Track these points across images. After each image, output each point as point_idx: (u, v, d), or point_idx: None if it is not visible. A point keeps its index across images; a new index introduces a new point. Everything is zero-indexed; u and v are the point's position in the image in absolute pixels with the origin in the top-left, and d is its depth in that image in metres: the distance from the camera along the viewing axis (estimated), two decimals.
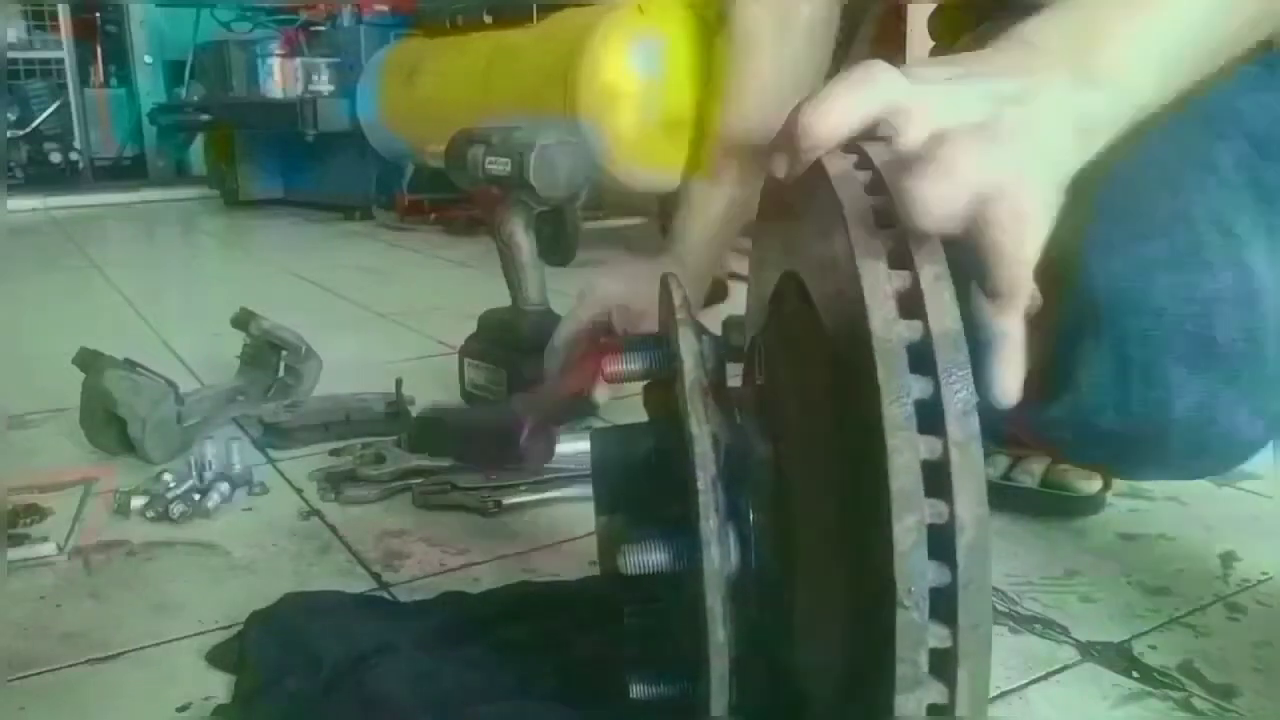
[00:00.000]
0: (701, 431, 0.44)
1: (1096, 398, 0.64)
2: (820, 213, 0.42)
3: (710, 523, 0.43)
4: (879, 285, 0.37)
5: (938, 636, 0.35)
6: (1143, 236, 0.62)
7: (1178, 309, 0.61)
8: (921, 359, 0.37)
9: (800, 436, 0.46)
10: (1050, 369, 0.65)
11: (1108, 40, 0.45)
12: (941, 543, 0.35)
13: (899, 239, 0.38)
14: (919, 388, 0.37)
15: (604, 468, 0.53)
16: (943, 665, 0.36)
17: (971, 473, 0.36)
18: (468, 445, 0.89)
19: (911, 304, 0.37)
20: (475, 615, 0.74)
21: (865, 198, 0.40)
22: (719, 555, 0.43)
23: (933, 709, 0.36)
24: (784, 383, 0.50)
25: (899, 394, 0.36)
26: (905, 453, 0.36)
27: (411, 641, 0.68)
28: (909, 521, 0.35)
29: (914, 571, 0.35)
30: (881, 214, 0.39)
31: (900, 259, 0.38)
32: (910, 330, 0.37)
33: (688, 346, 0.47)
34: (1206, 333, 0.61)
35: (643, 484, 0.51)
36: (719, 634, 0.43)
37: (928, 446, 0.36)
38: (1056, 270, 0.49)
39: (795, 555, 0.46)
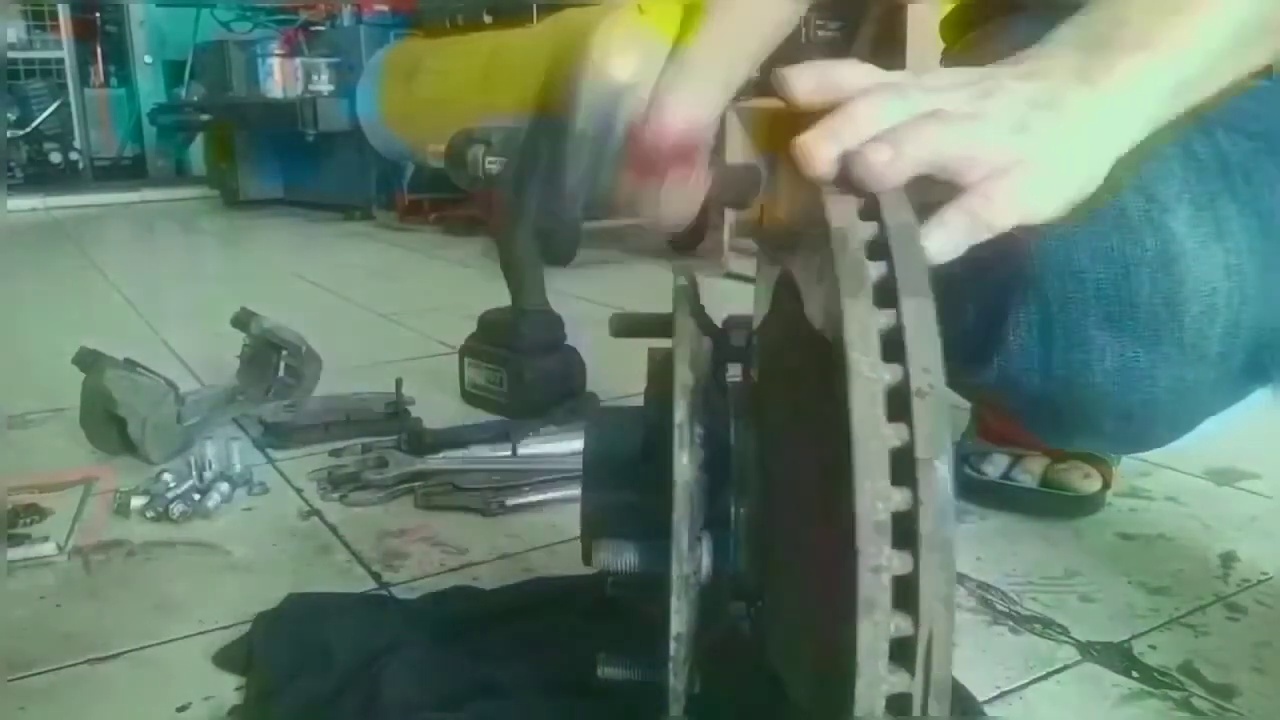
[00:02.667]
0: (682, 464, 0.44)
1: (1023, 360, 0.65)
2: (813, 229, 0.42)
3: (682, 547, 0.43)
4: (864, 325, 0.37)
5: (899, 626, 0.35)
6: None
7: (1098, 271, 0.61)
8: (899, 401, 0.36)
9: (783, 439, 0.47)
10: (982, 331, 0.65)
11: (1132, 25, 0.46)
12: (905, 534, 0.35)
13: (886, 270, 0.39)
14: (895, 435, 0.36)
15: (596, 451, 0.54)
16: (904, 654, 0.36)
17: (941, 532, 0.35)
18: None
19: (895, 346, 0.37)
20: (486, 610, 0.74)
21: (859, 225, 0.40)
22: (686, 576, 0.44)
23: (892, 701, 0.36)
24: (772, 384, 0.50)
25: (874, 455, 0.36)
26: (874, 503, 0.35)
27: (424, 638, 0.68)
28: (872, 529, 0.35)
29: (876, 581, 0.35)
30: (874, 246, 0.39)
31: (886, 295, 0.38)
32: (890, 373, 0.37)
33: (682, 358, 0.46)
34: (1125, 295, 0.61)
35: (633, 471, 0.51)
36: (678, 644, 0.44)
37: (900, 495, 0.35)
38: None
39: (773, 555, 0.46)
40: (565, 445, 1.09)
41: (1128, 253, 0.60)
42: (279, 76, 3.78)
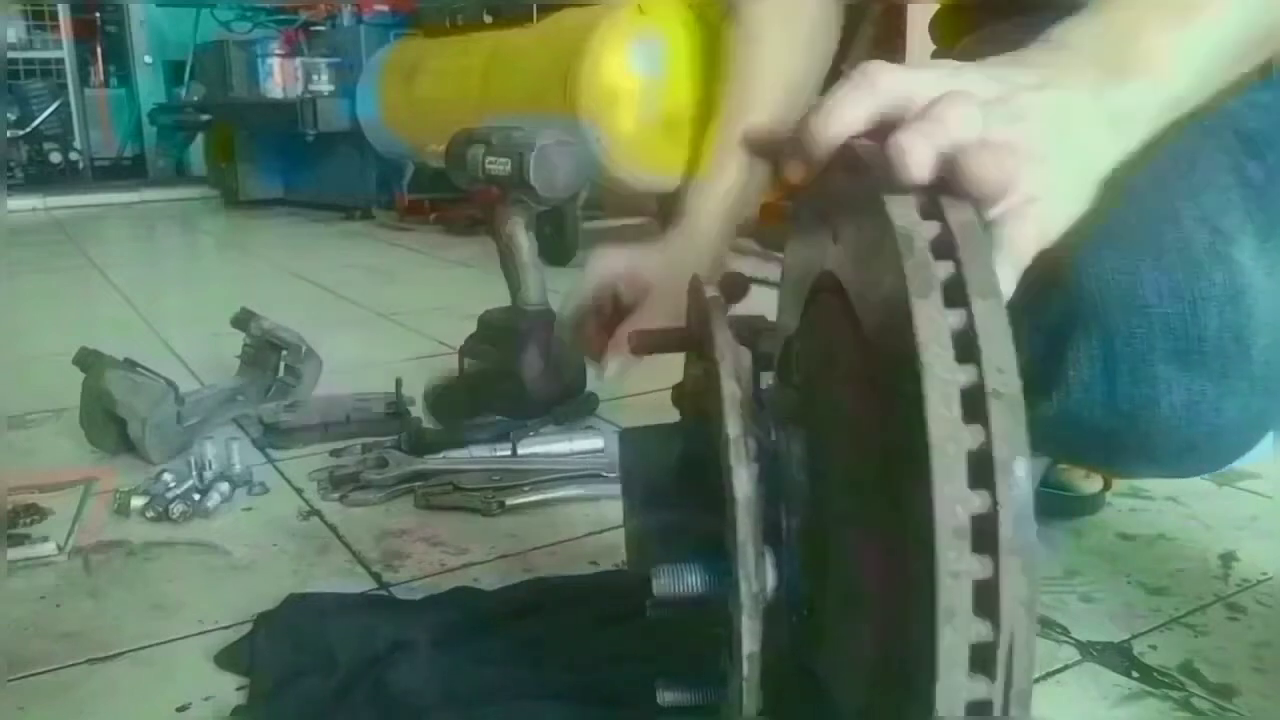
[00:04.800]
0: (741, 479, 0.43)
1: (1085, 395, 0.64)
2: (869, 229, 0.41)
3: (749, 580, 0.42)
4: (935, 326, 0.37)
5: (979, 632, 0.35)
6: (1130, 234, 0.62)
7: (1164, 306, 0.61)
8: (974, 402, 0.36)
9: (834, 444, 0.46)
10: (1040, 366, 0.65)
11: (1142, 37, 0.46)
12: (983, 538, 0.35)
13: (955, 269, 0.38)
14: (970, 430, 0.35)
15: (634, 470, 0.53)
16: (984, 660, 0.35)
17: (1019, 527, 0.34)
18: (479, 399, 0.86)
19: (967, 346, 0.36)
20: (490, 611, 0.73)
21: (921, 224, 0.39)
22: (756, 594, 0.43)
23: (972, 707, 0.35)
24: (818, 389, 0.49)
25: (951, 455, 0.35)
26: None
27: (427, 639, 0.68)
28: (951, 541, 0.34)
29: (957, 581, 0.34)
30: (939, 245, 0.38)
31: (955, 295, 0.37)
32: (965, 374, 0.36)
33: (728, 372, 0.45)
34: (1193, 330, 0.61)
35: (676, 489, 0.51)
36: (751, 664, 0.43)
37: (979, 499, 0.35)
38: (1047, 267, 0.50)
39: (826, 564, 0.45)
40: (565, 445, 1.09)
41: (1195, 287, 0.60)
42: (279, 76, 3.79)
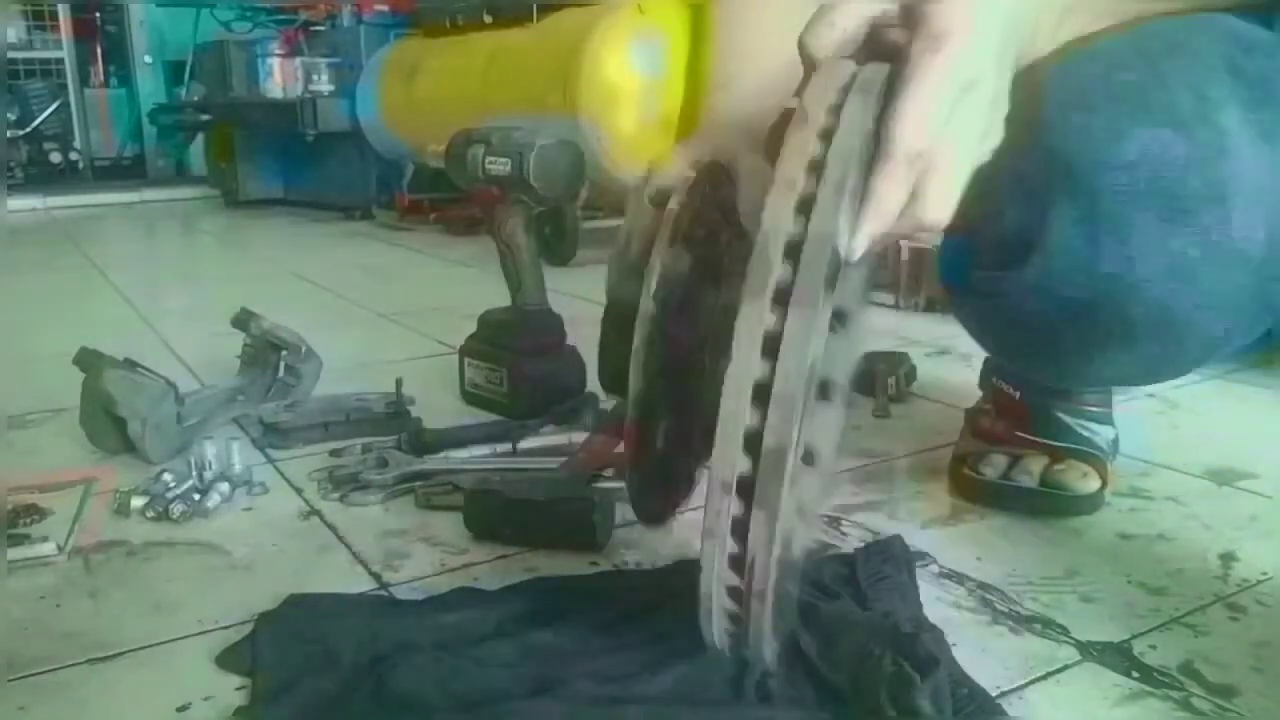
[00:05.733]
0: (647, 300, 0.58)
1: (1066, 258, 0.63)
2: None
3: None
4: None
5: (733, 548, 0.50)
6: (1118, 97, 0.62)
7: (1149, 164, 0.60)
8: (762, 393, 0.50)
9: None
10: (1018, 231, 0.65)
11: None
12: (744, 490, 0.49)
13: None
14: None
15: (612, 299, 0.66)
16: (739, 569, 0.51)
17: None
18: (531, 529, 0.89)
19: (774, 347, 0.48)
20: (492, 612, 0.73)
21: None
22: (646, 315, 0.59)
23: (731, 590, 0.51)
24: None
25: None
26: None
27: (429, 640, 0.68)
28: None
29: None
30: (792, 246, 0.48)
31: (782, 298, 0.48)
32: (762, 369, 0.48)
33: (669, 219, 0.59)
34: (1175, 188, 0.60)
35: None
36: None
37: (746, 462, 0.49)
38: (1025, 132, 0.54)
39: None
40: (565, 444, 1.09)
41: (1179, 147, 0.60)
42: (279, 76, 3.78)
